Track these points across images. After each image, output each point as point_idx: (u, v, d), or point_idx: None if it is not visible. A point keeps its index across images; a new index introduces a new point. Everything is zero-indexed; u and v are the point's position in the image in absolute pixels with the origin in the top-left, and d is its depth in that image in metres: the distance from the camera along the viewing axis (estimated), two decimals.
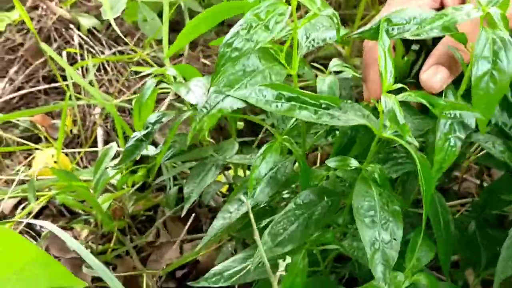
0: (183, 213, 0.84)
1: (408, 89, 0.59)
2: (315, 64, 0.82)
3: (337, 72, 0.79)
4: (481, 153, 0.94)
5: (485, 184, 1.00)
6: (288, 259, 0.53)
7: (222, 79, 0.61)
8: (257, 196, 0.70)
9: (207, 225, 1.07)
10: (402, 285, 0.67)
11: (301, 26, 0.63)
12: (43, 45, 1.10)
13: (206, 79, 0.92)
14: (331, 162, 0.64)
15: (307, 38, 0.71)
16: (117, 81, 1.33)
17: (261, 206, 0.80)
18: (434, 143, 0.62)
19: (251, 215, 0.58)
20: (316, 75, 0.78)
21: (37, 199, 1.11)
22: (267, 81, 0.62)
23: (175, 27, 1.45)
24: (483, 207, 0.86)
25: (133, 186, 1.08)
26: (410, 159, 0.70)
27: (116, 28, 1.25)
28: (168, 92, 1.20)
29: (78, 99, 1.20)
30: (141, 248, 1.06)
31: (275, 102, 0.60)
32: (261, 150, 0.67)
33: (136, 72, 1.29)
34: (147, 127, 0.91)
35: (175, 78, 0.92)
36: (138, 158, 1.00)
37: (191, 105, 0.86)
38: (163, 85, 0.89)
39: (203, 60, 1.39)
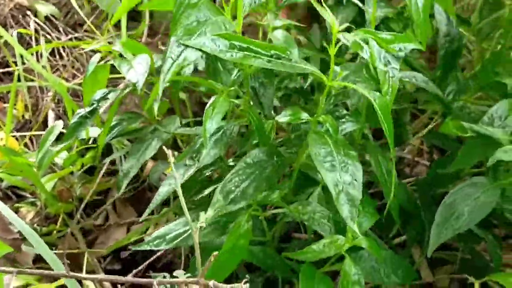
0: (121, 189, 0.83)
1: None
2: None
3: None
4: (426, 129, 0.95)
5: None
6: (210, 212, 0.51)
7: (180, 31, 0.61)
8: (204, 158, 0.70)
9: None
10: (343, 248, 0.67)
11: None
12: None
13: (156, 57, 0.92)
14: (282, 117, 0.65)
15: None
16: (73, 67, 1.30)
17: (207, 174, 0.79)
18: None
19: (179, 189, 0.58)
20: None
21: None
22: (222, 30, 0.62)
23: (133, 15, 1.44)
24: (429, 185, 0.87)
25: (83, 168, 1.06)
26: (353, 117, 0.71)
27: (78, 9, 1.23)
28: None
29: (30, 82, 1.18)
30: (89, 231, 1.04)
31: (229, 52, 0.60)
32: (210, 101, 0.67)
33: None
34: (92, 104, 0.89)
35: (121, 55, 0.90)
36: (87, 138, 0.98)
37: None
38: None
39: (161, 47, 1.38)
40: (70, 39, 1.38)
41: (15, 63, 1.19)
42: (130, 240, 0.93)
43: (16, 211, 1.05)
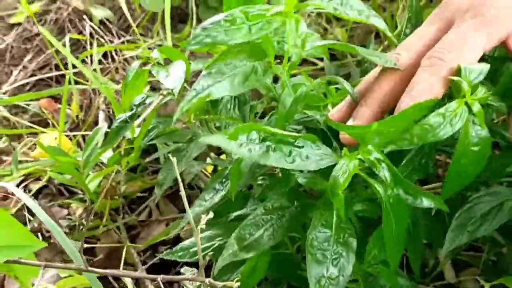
0: (157, 199, 0.88)
1: None
2: None
3: None
4: None
5: None
6: (210, 215, 0.55)
7: (215, 66, 0.60)
8: (231, 188, 0.73)
9: None
10: (357, 272, 0.69)
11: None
12: (46, 34, 1.15)
13: (195, 64, 0.96)
14: (301, 179, 0.64)
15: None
16: (124, 69, 1.37)
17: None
18: None
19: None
20: None
21: (38, 179, 1.18)
22: (251, 79, 0.60)
23: (182, 17, 1.50)
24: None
25: (127, 167, 1.12)
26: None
27: (126, 12, 1.30)
28: None
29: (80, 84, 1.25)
30: (133, 227, 1.10)
31: (248, 146, 0.55)
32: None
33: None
34: (131, 109, 0.94)
35: (159, 62, 0.95)
36: (132, 138, 1.04)
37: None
38: None
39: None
40: (123, 42, 1.46)
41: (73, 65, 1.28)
42: (167, 235, 0.99)
43: (68, 206, 1.13)
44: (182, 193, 0.55)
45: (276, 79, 0.67)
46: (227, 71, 0.61)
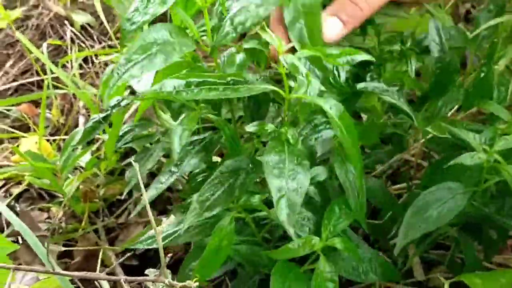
0: (124, 195, 0.89)
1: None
2: None
3: None
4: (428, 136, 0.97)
5: None
6: (172, 218, 0.57)
7: (133, 49, 0.62)
8: (184, 167, 0.76)
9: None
10: (317, 247, 0.72)
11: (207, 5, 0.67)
12: (25, 41, 1.17)
13: None
14: (250, 127, 0.69)
15: (232, 23, 0.74)
16: (103, 73, 1.39)
17: (198, 180, 0.85)
18: None
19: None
20: None
21: (19, 183, 1.19)
22: (177, 51, 0.64)
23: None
24: (424, 187, 0.90)
25: (106, 170, 1.14)
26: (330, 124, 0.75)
27: (103, 19, 1.32)
28: None
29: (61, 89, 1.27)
30: (112, 229, 1.12)
31: (184, 91, 0.62)
32: (179, 120, 0.70)
33: None
34: (106, 110, 0.96)
35: None
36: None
37: None
38: None
39: None
40: (103, 47, 1.48)
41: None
42: (137, 239, 1.00)
43: (48, 210, 1.15)
44: (144, 193, 0.57)
45: None
46: (147, 48, 0.62)
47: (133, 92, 1.29)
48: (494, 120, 0.81)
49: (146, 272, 0.60)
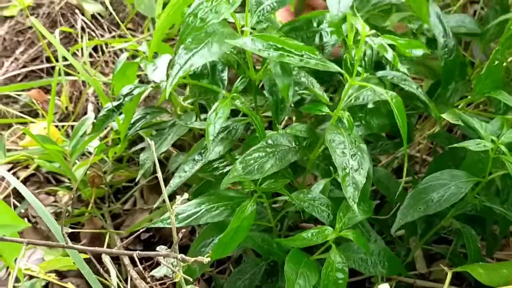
0: (138, 178, 0.91)
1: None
2: None
3: None
4: (433, 129, 0.99)
5: None
6: (186, 195, 0.58)
7: (188, 40, 0.68)
8: (210, 155, 0.78)
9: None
10: (330, 238, 0.73)
11: None
12: (39, 26, 1.18)
13: None
14: (305, 108, 0.76)
15: (258, 6, 0.77)
16: (113, 62, 1.40)
17: (215, 166, 0.87)
18: None
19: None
20: None
21: (27, 167, 1.21)
22: (224, 41, 0.68)
23: None
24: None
25: (114, 157, 1.15)
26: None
27: (112, 11, 1.33)
28: None
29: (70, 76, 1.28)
30: (118, 215, 1.13)
31: (267, 50, 0.67)
32: (213, 107, 0.73)
33: None
34: (119, 99, 0.97)
35: (146, 55, 0.98)
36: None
37: None
38: None
39: None
40: (113, 37, 1.49)
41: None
42: (150, 223, 1.01)
43: (54, 194, 1.16)
44: (159, 173, 0.58)
45: None
46: (203, 39, 0.68)
47: (142, 81, 1.31)
48: (502, 111, 0.82)
49: (158, 248, 0.61)
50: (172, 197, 1.13)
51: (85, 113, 1.31)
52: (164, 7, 1.11)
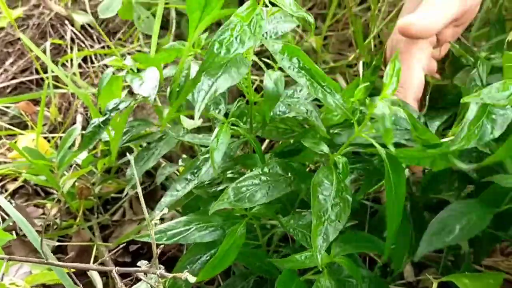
0: (125, 191, 0.90)
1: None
2: None
3: None
4: None
5: None
6: (165, 210, 0.58)
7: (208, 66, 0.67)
8: (202, 176, 0.78)
9: None
10: (322, 263, 0.72)
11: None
12: (26, 40, 1.18)
13: (168, 70, 0.98)
14: (306, 142, 0.72)
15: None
16: (102, 73, 1.40)
17: (205, 184, 0.86)
18: None
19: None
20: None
21: (15, 179, 1.20)
22: (242, 68, 0.69)
23: (163, 24, 1.52)
24: (424, 190, 0.90)
25: (103, 168, 1.15)
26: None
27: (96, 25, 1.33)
28: None
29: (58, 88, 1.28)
30: (107, 226, 1.13)
31: (300, 73, 0.68)
32: (214, 133, 0.73)
33: None
34: (105, 114, 0.97)
35: (132, 69, 0.98)
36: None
37: None
38: None
39: None
40: (103, 47, 1.49)
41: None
42: (131, 236, 1.01)
43: (43, 206, 1.16)
44: (139, 190, 0.58)
45: None
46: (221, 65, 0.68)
47: (132, 93, 1.30)
48: None
49: (138, 264, 0.61)
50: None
51: (74, 124, 1.31)
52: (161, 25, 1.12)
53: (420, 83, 0.79)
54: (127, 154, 1.16)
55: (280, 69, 0.76)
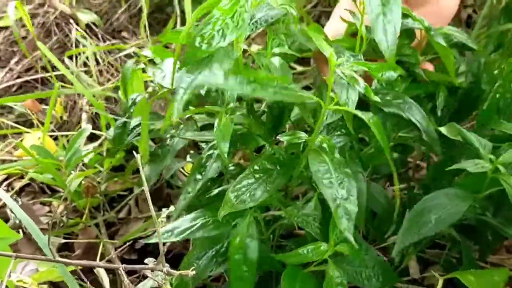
0: (133, 191, 0.90)
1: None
2: None
3: None
4: None
5: None
6: (171, 208, 0.58)
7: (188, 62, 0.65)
8: (209, 173, 0.79)
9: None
10: (326, 254, 0.73)
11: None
12: (45, 50, 1.19)
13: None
14: (283, 137, 0.72)
15: (252, 19, 0.76)
16: (107, 72, 1.41)
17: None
18: None
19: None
20: None
21: (22, 177, 1.21)
22: (223, 62, 0.66)
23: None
24: (424, 188, 0.90)
25: (110, 166, 1.15)
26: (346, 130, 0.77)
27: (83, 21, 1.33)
28: None
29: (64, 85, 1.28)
30: (113, 224, 1.13)
31: (241, 86, 0.65)
32: (215, 125, 0.73)
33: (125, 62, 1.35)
34: (130, 107, 0.97)
35: (150, 60, 0.98)
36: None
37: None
38: None
39: None
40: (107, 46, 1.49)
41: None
42: (144, 232, 1.02)
43: (49, 204, 1.17)
44: (145, 186, 0.58)
45: None
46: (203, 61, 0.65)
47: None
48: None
49: (145, 261, 0.62)
50: (167, 204, 1.14)
51: (79, 122, 1.31)
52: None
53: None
54: (134, 152, 1.18)
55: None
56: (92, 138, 1.25)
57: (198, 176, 0.82)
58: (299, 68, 1.36)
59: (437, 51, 0.75)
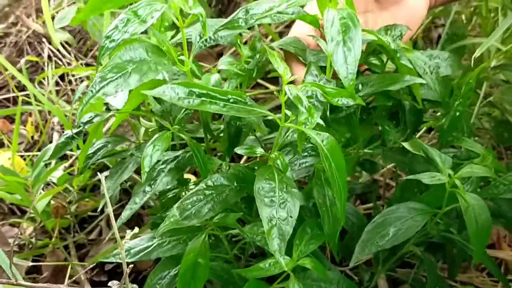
0: (99, 209, 0.89)
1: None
2: None
3: None
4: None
5: None
6: (136, 230, 0.57)
7: (109, 67, 0.64)
8: (157, 186, 0.78)
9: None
10: (287, 267, 0.72)
11: (185, 25, 0.69)
12: (1, 59, 1.18)
13: None
14: (240, 150, 0.71)
15: (201, 38, 0.77)
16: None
17: (169, 196, 0.86)
18: None
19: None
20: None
21: None
22: (153, 70, 0.66)
23: None
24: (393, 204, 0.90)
25: (78, 186, 1.14)
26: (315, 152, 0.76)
27: (56, 40, 1.32)
28: None
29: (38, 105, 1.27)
30: (83, 245, 1.12)
31: (187, 99, 0.63)
32: (152, 139, 0.72)
33: None
34: (79, 126, 0.97)
35: None
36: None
37: None
38: None
39: None
40: (81, 65, 1.48)
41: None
42: (105, 255, 1.00)
43: (18, 225, 1.15)
44: (109, 209, 0.58)
45: None
46: (123, 68, 0.64)
47: (109, 109, 1.30)
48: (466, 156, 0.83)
49: (109, 284, 0.61)
50: (139, 225, 1.14)
51: (51, 142, 1.30)
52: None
53: None
54: (98, 173, 1.17)
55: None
56: (62, 158, 1.24)
57: (148, 188, 0.81)
58: (272, 88, 1.36)
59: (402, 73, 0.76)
